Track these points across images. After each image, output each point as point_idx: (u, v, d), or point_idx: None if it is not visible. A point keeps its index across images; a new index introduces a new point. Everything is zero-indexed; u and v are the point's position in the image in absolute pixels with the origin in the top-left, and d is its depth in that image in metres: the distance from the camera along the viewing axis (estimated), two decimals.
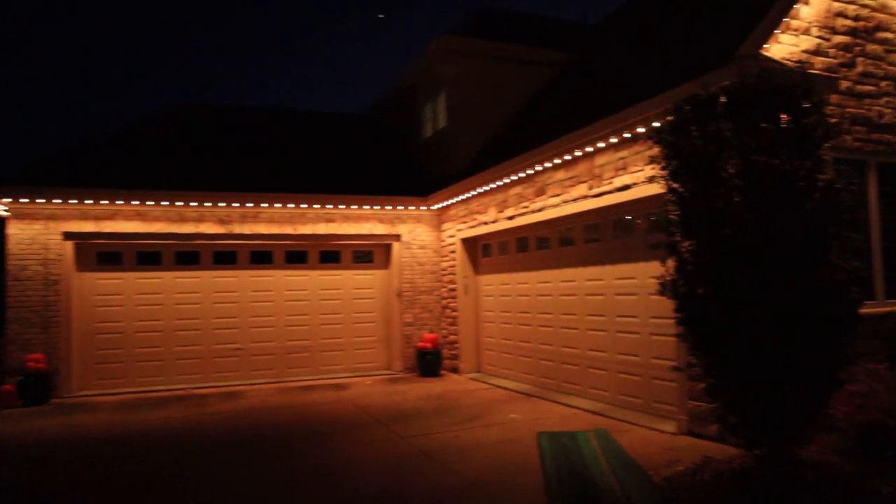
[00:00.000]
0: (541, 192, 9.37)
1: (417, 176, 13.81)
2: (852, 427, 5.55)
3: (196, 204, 11.56)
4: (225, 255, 12.31)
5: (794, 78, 5.10)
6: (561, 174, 8.85)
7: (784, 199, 4.86)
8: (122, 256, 11.70)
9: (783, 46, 6.55)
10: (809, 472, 4.96)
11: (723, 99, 5.09)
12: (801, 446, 5.08)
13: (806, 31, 6.79)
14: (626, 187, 7.47)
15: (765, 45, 6.21)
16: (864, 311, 6.87)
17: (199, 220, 11.77)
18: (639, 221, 7.81)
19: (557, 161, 8.64)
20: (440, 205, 12.67)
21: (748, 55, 5.76)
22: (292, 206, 12.12)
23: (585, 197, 8.28)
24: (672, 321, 5.31)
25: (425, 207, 12.95)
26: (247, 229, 12.04)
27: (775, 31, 6.37)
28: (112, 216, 11.29)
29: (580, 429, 7.27)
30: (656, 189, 6.07)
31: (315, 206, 12.27)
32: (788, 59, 6.52)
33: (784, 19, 6.49)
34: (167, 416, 9.16)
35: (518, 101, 13.29)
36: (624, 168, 7.53)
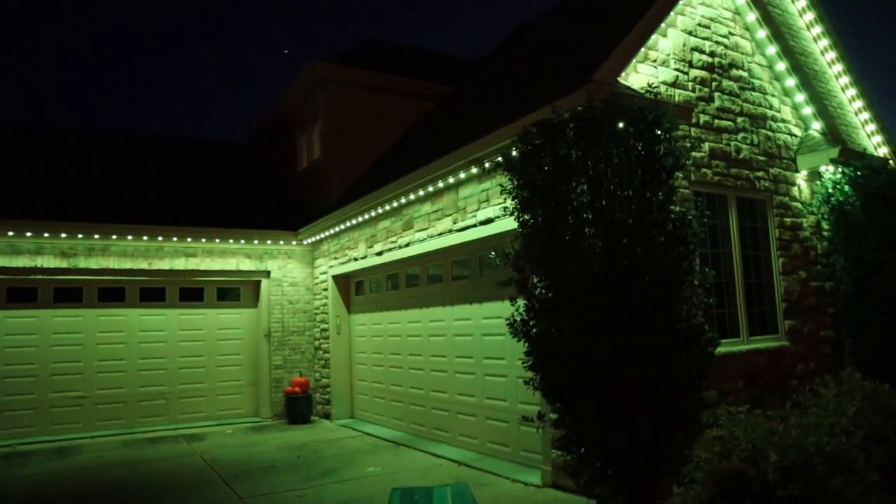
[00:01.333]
0: (408, 226, 8.86)
1: (291, 209, 13.05)
2: (713, 476, 5.22)
3: (32, 234, 10.29)
4: (68, 292, 11.02)
5: (644, 104, 4.83)
6: (427, 207, 8.38)
7: (636, 231, 4.52)
8: None
9: (642, 76, 6.37)
10: None
11: (572, 124, 4.76)
12: (660, 500, 4.68)
13: (664, 63, 6.66)
14: (489, 220, 7.05)
15: (622, 73, 5.99)
16: (727, 349, 6.71)
17: (37, 252, 10.49)
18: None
19: (421, 193, 8.17)
20: (312, 239, 11.94)
21: (600, 81, 5.48)
22: (147, 238, 11.04)
23: (450, 231, 7.82)
24: None
25: (296, 242, 12.17)
26: (94, 263, 10.84)
27: (633, 60, 6.18)
28: None
29: (441, 482, 6.67)
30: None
31: (174, 238, 11.24)
32: (647, 90, 6.33)
33: (642, 49, 6.33)
34: None
35: (400, 134, 12.86)
36: (487, 200, 7.13)
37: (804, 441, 4.91)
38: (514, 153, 5.05)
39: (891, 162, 9.94)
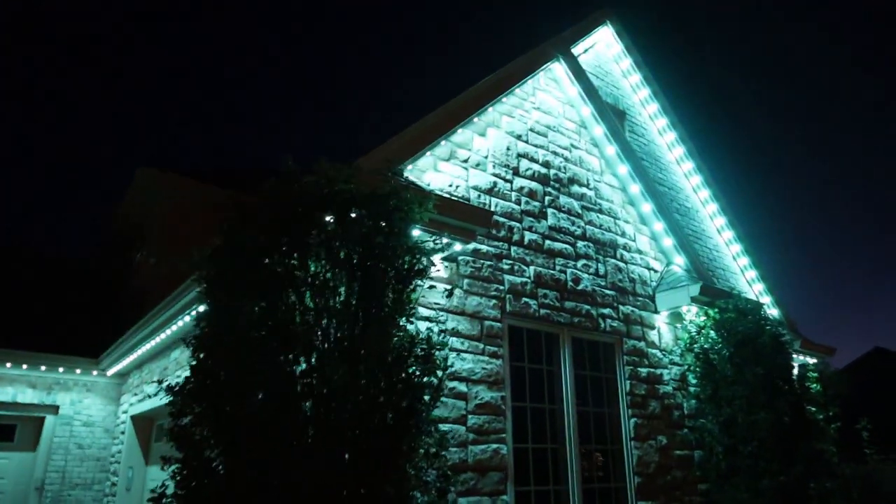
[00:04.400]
0: None
1: (110, 334, 10.99)
2: None
3: None
4: None
5: (385, 190, 3.41)
6: None
7: (343, 366, 2.93)
8: None
9: (444, 176, 5.07)
10: None
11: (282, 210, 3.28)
12: None
13: (479, 166, 5.40)
14: None
15: (408, 167, 4.65)
16: None
17: None
18: None
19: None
20: (117, 369, 9.87)
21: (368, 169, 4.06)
22: None
23: None
24: None
25: (98, 372, 10.06)
26: None
27: (426, 154, 4.87)
28: None
29: None
30: None
31: None
32: (452, 194, 5.02)
33: (443, 143, 5.06)
34: None
35: None
36: None
37: None
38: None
39: (774, 312, 8.88)
